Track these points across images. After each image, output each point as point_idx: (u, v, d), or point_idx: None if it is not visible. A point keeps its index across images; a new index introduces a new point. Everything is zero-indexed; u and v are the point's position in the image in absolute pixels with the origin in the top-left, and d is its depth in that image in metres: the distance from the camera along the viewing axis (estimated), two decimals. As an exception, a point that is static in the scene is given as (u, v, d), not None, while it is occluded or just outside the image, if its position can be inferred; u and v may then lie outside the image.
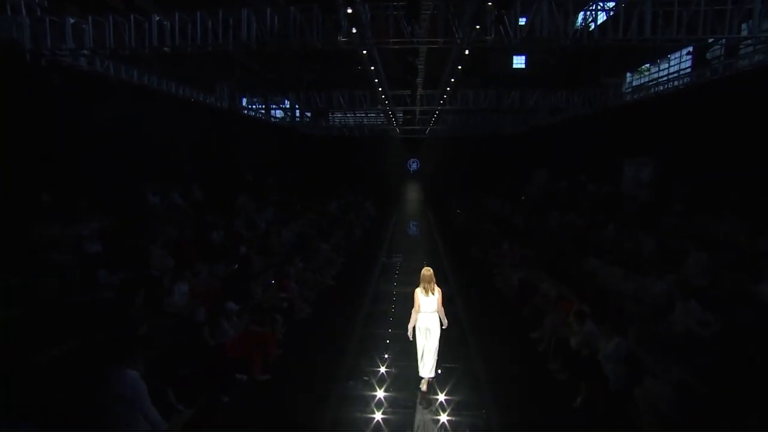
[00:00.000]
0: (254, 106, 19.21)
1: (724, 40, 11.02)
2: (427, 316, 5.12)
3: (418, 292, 5.08)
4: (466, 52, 9.44)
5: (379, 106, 17.48)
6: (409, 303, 5.35)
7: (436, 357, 5.17)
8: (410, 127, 24.35)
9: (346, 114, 27.25)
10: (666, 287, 6.09)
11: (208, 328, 5.87)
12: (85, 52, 8.88)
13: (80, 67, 9.07)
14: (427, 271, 5.11)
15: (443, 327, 5.15)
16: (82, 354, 4.92)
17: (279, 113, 22.69)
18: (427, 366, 5.17)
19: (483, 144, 24.42)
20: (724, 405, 4.26)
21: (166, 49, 8.62)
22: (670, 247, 7.68)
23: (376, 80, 12.70)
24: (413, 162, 30.26)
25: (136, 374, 3.58)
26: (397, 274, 11.04)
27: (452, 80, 13.04)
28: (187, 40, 8.59)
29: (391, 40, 8.87)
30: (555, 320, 6.97)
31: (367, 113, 26.90)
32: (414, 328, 5.20)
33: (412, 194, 29.00)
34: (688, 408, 4.16)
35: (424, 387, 5.29)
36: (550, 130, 19.54)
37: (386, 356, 6.56)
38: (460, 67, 10.95)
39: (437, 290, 5.10)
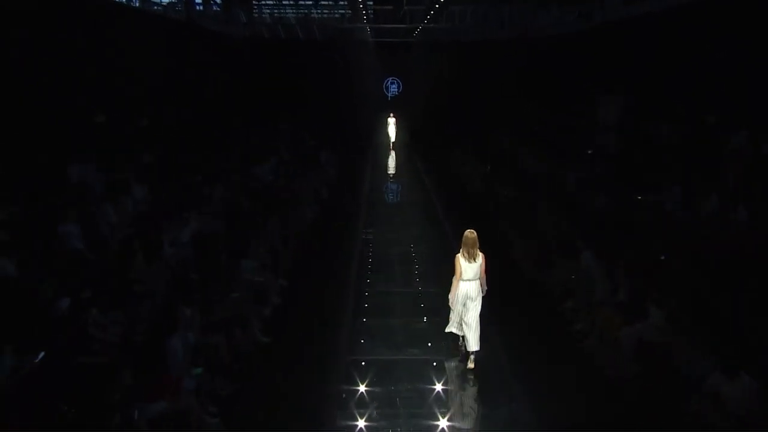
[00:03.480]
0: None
1: None
2: (469, 284, 6.78)
3: (460, 258, 6.70)
4: None
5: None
6: (406, 403, 6.60)
7: (479, 328, 6.87)
8: (390, 26, 22.78)
9: (281, 1, 24.66)
10: None
11: None
12: None
13: None
14: (470, 234, 6.64)
15: (483, 294, 6.86)
16: None
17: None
18: (472, 340, 6.87)
19: (513, 54, 22.07)
20: None
21: None
22: None
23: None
24: (393, 83, 28.90)
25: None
26: (373, 314, 9.36)
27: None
28: None
29: None
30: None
31: (316, 0, 24.49)
32: (457, 295, 6.92)
33: (393, 137, 27.24)
34: None
35: (471, 364, 7.00)
36: (629, 28, 17.13)
37: None
38: None
39: (480, 256, 6.70)
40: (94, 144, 10.79)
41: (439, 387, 7.02)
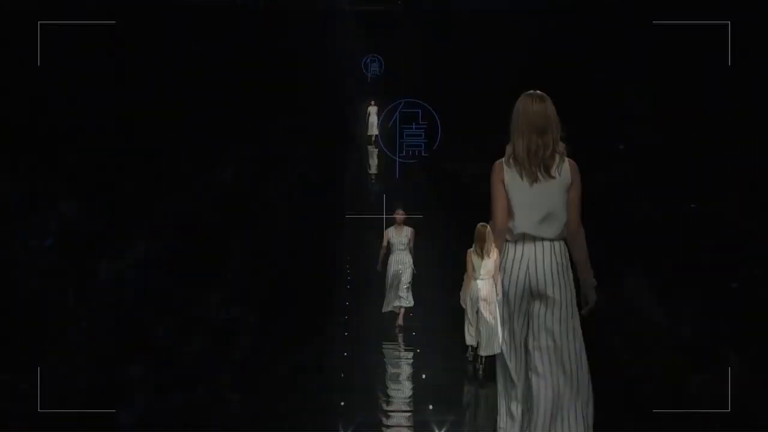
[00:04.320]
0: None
1: None
2: (483, 283, 7.81)
3: (472, 255, 7.80)
4: None
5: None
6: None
7: (494, 332, 7.31)
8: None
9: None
10: None
11: None
12: None
13: None
14: (483, 228, 7.46)
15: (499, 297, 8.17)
16: None
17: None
18: (484, 343, 7.79)
19: (542, 24, 21.85)
20: None
21: None
22: None
23: None
24: (374, 61, 28.18)
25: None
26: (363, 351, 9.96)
27: None
28: None
29: None
30: None
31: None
32: (468, 296, 8.10)
33: (375, 130, 26.56)
34: None
35: (481, 370, 8.23)
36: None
37: None
38: None
39: (494, 251, 7.24)
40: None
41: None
